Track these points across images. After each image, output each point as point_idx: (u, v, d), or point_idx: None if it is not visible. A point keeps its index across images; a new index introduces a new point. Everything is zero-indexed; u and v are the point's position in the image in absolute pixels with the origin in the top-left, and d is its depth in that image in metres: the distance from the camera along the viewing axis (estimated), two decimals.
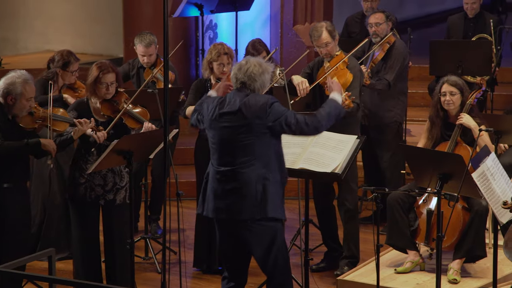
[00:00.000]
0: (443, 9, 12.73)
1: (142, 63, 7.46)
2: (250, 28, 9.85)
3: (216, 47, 6.60)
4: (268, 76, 5.29)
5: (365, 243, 6.84)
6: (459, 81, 6.63)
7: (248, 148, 5.18)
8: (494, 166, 5.44)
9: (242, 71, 5.26)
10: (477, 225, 6.31)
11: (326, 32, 6.58)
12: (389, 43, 7.49)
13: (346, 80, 6.54)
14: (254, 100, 5.20)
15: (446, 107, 6.60)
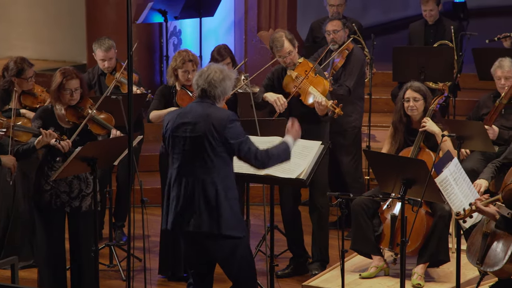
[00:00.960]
0: (405, 15, 12.84)
1: (102, 68, 7.43)
2: (214, 34, 9.86)
3: (181, 54, 6.61)
4: (229, 83, 5.24)
5: (330, 249, 6.87)
6: (422, 87, 6.69)
7: (207, 161, 5.15)
8: (457, 171, 5.49)
9: (202, 78, 5.21)
10: (440, 230, 6.36)
11: (287, 41, 6.62)
12: (348, 49, 7.56)
13: (325, 87, 6.58)
14: (216, 113, 5.15)
15: (410, 113, 6.65)
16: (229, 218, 5.15)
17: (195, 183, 5.16)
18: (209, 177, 5.14)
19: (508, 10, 13.70)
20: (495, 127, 7.14)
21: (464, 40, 8.54)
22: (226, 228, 5.14)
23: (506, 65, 7.24)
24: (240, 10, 9.91)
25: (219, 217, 5.12)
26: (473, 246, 6.00)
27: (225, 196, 5.14)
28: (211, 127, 5.12)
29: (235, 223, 5.17)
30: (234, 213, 5.17)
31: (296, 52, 6.68)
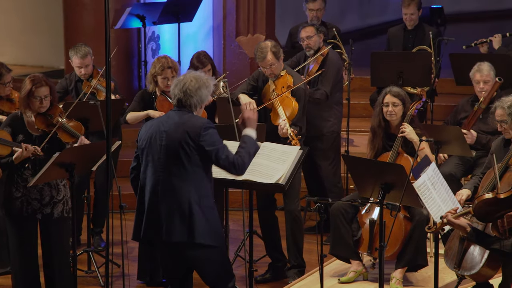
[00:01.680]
0: (384, 21, 12.89)
1: (79, 75, 7.41)
2: (193, 40, 9.85)
3: (160, 61, 6.61)
4: (205, 91, 5.18)
5: (309, 253, 6.88)
6: (401, 92, 6.72)
7: (181, 169, 5.12)
8: (435, 176, 5.52)
9: (178, 87, 5.17)
10: (418, 234, 6.39)
11: (271, 53, 6.61)
12: (322, 55, 7.58)
13: (293, 111, 6.58)
14: (190, 121, 5.12)
15: (388, 117, 6.68)
16: (202, 227, 5.11)
17: (169, 192, 5.13)
18: (184, 185, 5.11)
19: (485, 15, 13.80)
20: (473, 131, 7.19)
21: (441, 46, 8.59)
22: (199, 237, 5.10)
23: (485, 69, 7.28)
24: (218, 15, 9.92)
25: (191, 225, 5.09)
26: (451, 251, 6.04)
27: (199, 204, 5.11)
28: (185, 135, 5.09)
29: (208, 231, 5.14)
30: (208, 221, 5.14)
31: (280, 64, 6.67)
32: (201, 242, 5.11)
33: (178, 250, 5.20)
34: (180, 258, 5.24)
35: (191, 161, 5.10)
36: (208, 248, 5.15)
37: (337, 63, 7.63)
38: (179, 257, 5.23)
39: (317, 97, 7.41)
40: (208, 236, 5.13)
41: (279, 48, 6.68)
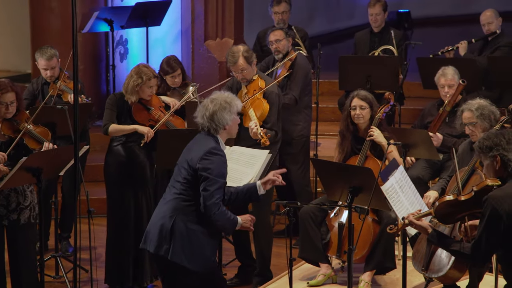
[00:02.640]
0: (351, 25, 12.96)
1: (45, 77, 7.36)
2: (161, 44, 9.83)
3: (145, 71, 6.50)
4: (226, 113, 5.19)
5: (278, 257, 6.89)
6: (369, 95, 6.76)
7: (181, 190, 5.14)
8: (403, 179, 5.55)
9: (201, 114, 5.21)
10: (387, 237, 6.42)
11: (242, 58, 6.59)
12: (290, 59, 7.57)
13: (263, 112, 6.56)
14: (199, 144, 5.16)
15: (356, 121, 6.71)
16: (180, 247, 5.09)
17: (163, 201, 5.19)
18: (178, 201, 5.13)
19: (451, 19, 13.93)
20: (439, 134, 7.24)
21: (408, 49, 8.65)
22: (174, 255, 5.08)
23: (449, 73, 7.35)
24: (187, 19, 9.91)
25: (168, 241, 5.09)
26: (418, 253, 6.08)
27: (186, 224, 5.10)
28: (190, 156, 5.15)
29: (188, 253, 5.09)
30: (191, 244, 5.10)
31: (252, 69, 6.65)
32: (176, 261, 5.09)
33: (155, 260, 5.23)
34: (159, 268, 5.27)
35: (189, 183, 5.12)
36: (183, 270, 5.11)
37: (306, 67, 7.64)
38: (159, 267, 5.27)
39: (286, 102, 7.42)
40: (186, 258, 5.09)
41: (251, 53, 6.66)
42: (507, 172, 4.50)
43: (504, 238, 4.41)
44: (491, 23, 8.65)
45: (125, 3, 9.58)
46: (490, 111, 6.28)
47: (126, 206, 6.56)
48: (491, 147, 4.52)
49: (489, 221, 4.39)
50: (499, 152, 4.49)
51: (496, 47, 8.63)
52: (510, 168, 4.48)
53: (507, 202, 4.39)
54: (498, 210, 4.37)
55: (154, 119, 6.60)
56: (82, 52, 9.04)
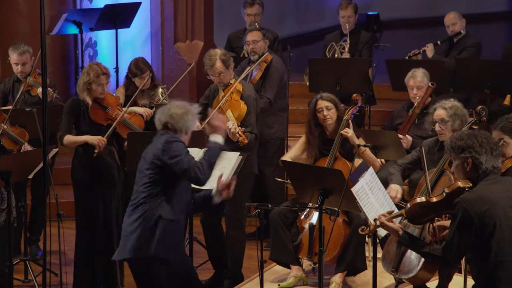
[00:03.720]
0: (321, 27, 12.99)
1: (16, 73, 7.32)
2: (131, 46, 9.79)
3: (94, 68, 6.50)
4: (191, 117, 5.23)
5: (249, 259, 6.89)
6: (332, 96, 6.79)
7: (149, 184, 5.13)
8: (373, 181, 5.57)
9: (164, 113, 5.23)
10: (357, 238, 6.44)
11: (220, 61, 6.57)
12: (266, 61, 7.57)
13: (241, 112, 6.55)
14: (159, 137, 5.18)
15: (324, 122, 6.72)
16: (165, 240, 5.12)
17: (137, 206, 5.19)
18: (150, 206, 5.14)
19: (419, 22, 14.02)
20: (409, 136, 7.29)
21: (378, 51, 8.69)
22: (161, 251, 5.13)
23: (419, 75, 7.40)
24: (156, 21, 9.88)
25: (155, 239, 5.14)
26: (388, 254, 6.10)
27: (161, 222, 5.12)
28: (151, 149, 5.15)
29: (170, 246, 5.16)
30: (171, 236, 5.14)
31: (230, 73, 6.63)
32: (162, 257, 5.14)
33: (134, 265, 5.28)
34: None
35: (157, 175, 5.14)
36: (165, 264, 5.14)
37: (281, 70, 7.63)
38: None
39: (261, 105, 7.41)
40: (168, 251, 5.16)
41: (229, 57, 6.64)
42: (478, 174, 4.52)
43: (474, 241, 4.44)
44: (455, 24, 8.74)
45: (94, 5, 9.53)
46: (463, 113, 6.33)
47: (94, 209, 6.52)
48: (463, 148, 4.54)
49: (460, 224, 4.42)
50: (471, 154, 4.51)
51: (462, 48, 8.72)
52: (480, 171, 4.51)
53: (478, 205, 4.42)
54: (470, 213, 4.40)
55: (111, 117, 6.54)
56: (51, 55, 8.97)
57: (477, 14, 12.90)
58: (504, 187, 4.54)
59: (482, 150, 4.50)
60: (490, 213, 4.41)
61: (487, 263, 4.46)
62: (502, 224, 4.42)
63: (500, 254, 4.43)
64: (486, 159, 4.50)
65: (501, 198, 4.47)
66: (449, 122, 6.29)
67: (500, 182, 4.54)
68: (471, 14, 10.15)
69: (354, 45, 8.81)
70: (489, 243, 4.43)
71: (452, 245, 4.44)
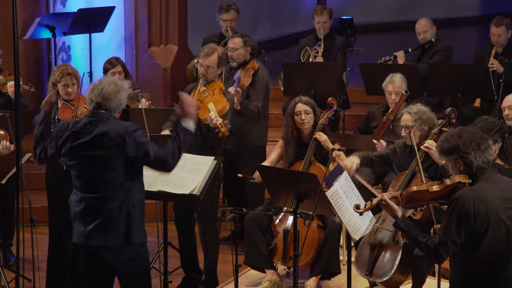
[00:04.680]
0: (295, 31, 13.03)
1: None
2: (104, 50, 9.75)
3: (60, 68, 6.49)
4: (124, 94, 5.13)
5: (224, 263, 6.88)
6: (311, 100, 6.81)
7: (109, 177, 5.06)
8: (347, 184, 5.59)
9: (95, 92, 5.10)
10: (331, 242, 6.46)
11: (217, 56, 6.55)
12: (253, 68, 7.53)
13: (223, 108, 6.52)
14: (112, 128, 5.05)
15: (301, 126, 6.74)
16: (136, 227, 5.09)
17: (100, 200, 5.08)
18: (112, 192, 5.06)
19: (393, 26, 14.11)
20: (383, 141, 7.33)
21: (351, 56, 8.73)
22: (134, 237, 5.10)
23: (397, 80, 7.43)
24: (130, 25, 9.85)
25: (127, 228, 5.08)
26: (362, 258, 6.13)
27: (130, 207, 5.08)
28: (110, 143, 5.03)
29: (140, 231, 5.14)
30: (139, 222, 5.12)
31: (217, 72, 6.61)
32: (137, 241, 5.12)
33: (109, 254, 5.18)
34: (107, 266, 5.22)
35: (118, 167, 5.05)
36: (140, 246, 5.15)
37: (266, 77, 7.57)
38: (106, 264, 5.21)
39: (251, 108, 7.41)
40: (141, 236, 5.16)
41: (225, 58, 6.67)
42: (472, 172, 4.53)
43: (466, 238, 4.46)
44: (426, 32, 8.78)
45: (67, 9, 9.49)
46: (428, 117, 6.37)
47: (66, 215, 6.47)
48: (450, 151, 4.55)
49: (458, 219, 4.43)
50: (459, 155, 4.52)
51: (433, 53, 8.77)
52: (474, 168, 4.52)
53: (477, 203, 4.44)
54: (468, 210, 4.42)
55: (77, 115, 6.51)
56: (24, 59, 8.92)
57: (449, 19, 13.01)
58: (500, 187, 4.56)
59: (469, 149, 4.50)
60: (486, 213, 4.44)
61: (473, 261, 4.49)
62: (494, 224, 4.46)
63: (487, 253, 4.47)
64: (475, 156, 4.50)
65: (496, 199, 4.49)
66: (415, 126, 6.34)
67: (497, 182, 4.56)
68: (443, 19, 10.22)
69: (328, 49, 8.83)
70: (479, 242, 4.46)
71: (447, 240, 4.45)
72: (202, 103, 6.55)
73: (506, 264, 4.51)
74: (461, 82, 8.10)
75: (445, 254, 4.48)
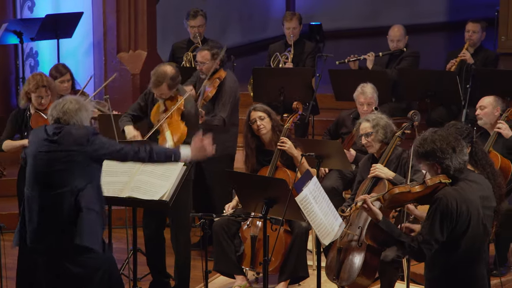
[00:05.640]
0: (265, 37, 13.05)
1: None
2: (73, 56, 9.70)
3: (35, 79, 6.46)
4: (86, 114, 5.16)
5: (194, 269, 6.86)
6: (264, 106, 6.83)
7: (65, 177, 5.07)
8: (316, 190, 5.60)
9: (57, 109, 5.15)
10: (299, 247, 6.48)
11: (166, 85, 6.41)
12: (219, 79, 7.45)
13: (182, 135, 6.44)
14: (75, 129, 5.10)
15: (259, 132, 6.75)
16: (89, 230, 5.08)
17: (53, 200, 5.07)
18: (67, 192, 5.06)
19: (361, 32, 14.18)
20: (352, 151, 7.38)
21: (320, 61, 8.76)
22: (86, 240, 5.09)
23: (369, 91, 7.46)
24: (99, 31, 9.80)
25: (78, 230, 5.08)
26: (330, 262, 6.16)
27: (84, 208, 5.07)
28: (71, 142, 5.05)
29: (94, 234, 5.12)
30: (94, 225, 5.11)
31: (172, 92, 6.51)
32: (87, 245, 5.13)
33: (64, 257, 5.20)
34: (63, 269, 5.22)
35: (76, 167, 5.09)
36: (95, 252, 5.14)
37: (234, 87, 7.48)
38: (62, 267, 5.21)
39: (215, 123, 7.35)
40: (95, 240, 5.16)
41: (176, 78, 6.48)
42: (450, 174, 4.56)
43: (447, 237, 4.50)
44: (400, 41, 8.82)
45: (35, 14, 9.42)
46: (386, 124, 6.43)
47: None
48: (426, 156, 4.58)
49: (441, 219, 4.47)
50: (435, 160, 4.56)
51: (401, 58, 8.83)
52: (451, 171, 4.56)
53: (459, 203, 4.48)
54: (451, 210, 4.47)
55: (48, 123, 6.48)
56: None
57: (416, 25, 13.09)
58: (481, 187, 4.62)
59: (445, 154, 4.54)
60: (468, 212, 4.49)
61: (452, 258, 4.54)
62: (474, 223, 4.52)
63: (466, 251, 4.53)
64: (452, 160, 4.54)
65: (477, 198, 4.55)
66: (373, 134, 6.40)
67: (475, 181, 4.62)
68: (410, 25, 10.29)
69: (298, 55, 8.86)
70: (460, 240, 4.51)
71: (431, 239, 4.48)
72: (160, 128, 6.48)
73: (481, 260, 4.60)
74: (429, 88, 8.17)
75: (428, 253, 4.53)
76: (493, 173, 5.94)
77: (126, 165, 5.69)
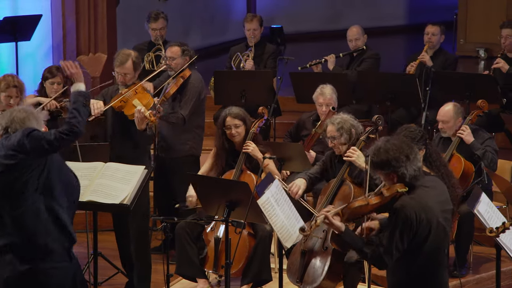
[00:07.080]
0: (226, 40, 13.05)
1: None
2: (31, 59, 9.61)
3: (6, 79, 6.47)
4: (35, 122, 5.02)
5: (155, 273, 6.82)
6: (241, 111, 6.81)
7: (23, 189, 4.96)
8: (278, 193, 5.61)
9: (5, 118, 5.03)
10: (262, 250, 6.48)
11: (131, 62, 6.59)
12: (183, 77, 7.39)
13: (148, 103, 6.53)
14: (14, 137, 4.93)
15: (233, 139, 6.76)
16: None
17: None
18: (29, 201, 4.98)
19: (322, 35, 14.25)
20: (312, 152, 7.41)
21: (282, 64, 8.78)
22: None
23: (327, 92, 7.49)
24: (58, 34, 9.73)
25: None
26: (293, 265, 6.17)
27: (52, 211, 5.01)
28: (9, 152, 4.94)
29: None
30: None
31: (134, 76, 6.64)
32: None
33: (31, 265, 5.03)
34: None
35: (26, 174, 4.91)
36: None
37: (198, 87, 7.43)
38: None
39: (172, 121, 7.31)
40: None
41: (140, 61, 6.71)
42: (406, 182, 4.59)
43: (409, 245, 4.54)
44: (358, 39, 8.91)
45: None
46: (351, 125, 6.46)
47: None
48: (382, 166, 4.61)
49: (401, 229, 4.50)
50: (391, 170, 4.59)
51: (361, 60, 8.90)
52: (407, 179, 4.58)
53: (418, 211, 4.51)
54: (410, 219, 4.50)
55: None
56: None
57: (377, 28, 13.19)
58: (438, 192, 4.66)
59: (400, 163, 4.57)
60: (427, 220, 4.53)
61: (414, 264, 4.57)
62: (434, 230, 4.56)
63: (428, 257, 4.57)
64: (406, 167, 4.57)
65: (435, 203, 4.59)
66: (338, 136, 6.44)
67: (434, 187, 4.65)
68: (371, 28, 10.37)
69: (259, 56, 8.88)
70: (421, 247, 4.55)
71: (392, 249, 4.52)
72: (126, 102, 6.51)
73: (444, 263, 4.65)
74: (389, 90, 8.22)
75: (389, 262, 4.57)
76: (447, 174, 6.02)
77: (87, 169, 5.64)
